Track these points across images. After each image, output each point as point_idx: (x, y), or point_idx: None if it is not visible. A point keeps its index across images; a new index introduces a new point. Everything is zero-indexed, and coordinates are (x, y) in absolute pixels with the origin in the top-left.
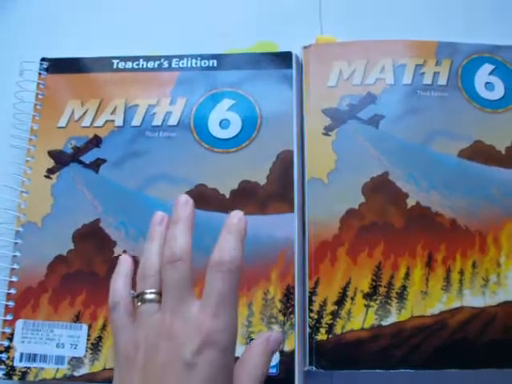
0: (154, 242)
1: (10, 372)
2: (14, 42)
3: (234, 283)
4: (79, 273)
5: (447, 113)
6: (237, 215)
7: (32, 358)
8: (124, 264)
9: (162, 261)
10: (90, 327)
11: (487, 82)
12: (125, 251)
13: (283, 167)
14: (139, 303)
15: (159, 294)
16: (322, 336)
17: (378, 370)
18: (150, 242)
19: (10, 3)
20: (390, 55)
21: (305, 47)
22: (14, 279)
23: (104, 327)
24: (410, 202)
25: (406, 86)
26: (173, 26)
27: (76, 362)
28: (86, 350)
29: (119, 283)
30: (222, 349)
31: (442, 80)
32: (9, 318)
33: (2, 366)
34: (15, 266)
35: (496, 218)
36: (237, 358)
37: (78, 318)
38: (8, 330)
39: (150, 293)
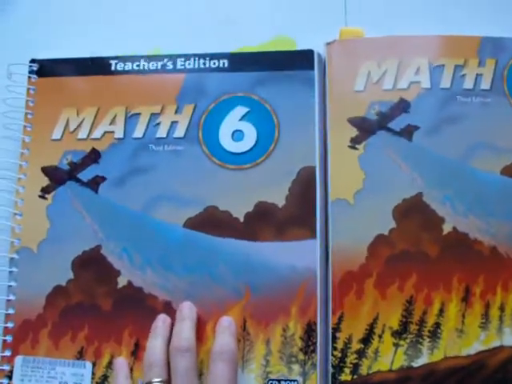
0: (157, 338)
1: None
2: (2, 42)
3: (233, 370)
4: (80, 305)
5: (490, 122)
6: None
7: None
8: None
9: (171, 350)
10: (94, 365)
11: None
12: (129, 282)
13: (304, 186)
14: None
15: (166, 382)
16: (346, 376)
17: None
18: (154, 338)
19: None
20: (425, 54)
21: (328, 43)
22: (11, 311)
23: (109, 365)
24: (446, 228)
25: (443, 91)
26: (177, 20)
27: None
28: None
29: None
30: None
31: (486, 83)
32: (7, 353)
33: None
34: (11, 297)
35: None
36: None
37: (81, 355)
38: (7, 367)
39: (158, 381)
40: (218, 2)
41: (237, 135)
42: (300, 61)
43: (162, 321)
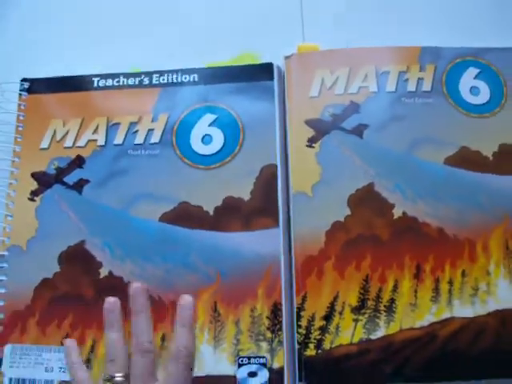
0: (113, 330)
1: None
2: None
3: (188, 369)
4: (66, 296)
5: (432, 119)
6: (187, 304)
7: (21, 382)
8: (73, 352)
9: (132, 347)
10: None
11: (472, 87)
12: (110, 272)
13: (267, 181)
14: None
15: (127, 376)
16: (310, 352)
17: None
18: (110, 330)
19: None
20: (372, 62)
21: (286, 57)
22: (1, 303)
23: (92, 349)
24: (397, 213)
25: (389, 94)
26: (152, 41)
27: None
28: None
29: (77, 371)
30: None
31: (427, 86)
32: None
33: None
34: (1, 291)
35: (485, 226)
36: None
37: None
38: None
39: (120, 376)
40: (189, 23)
41: (206, 139)
42: (261, 73)
43: (111, 309)
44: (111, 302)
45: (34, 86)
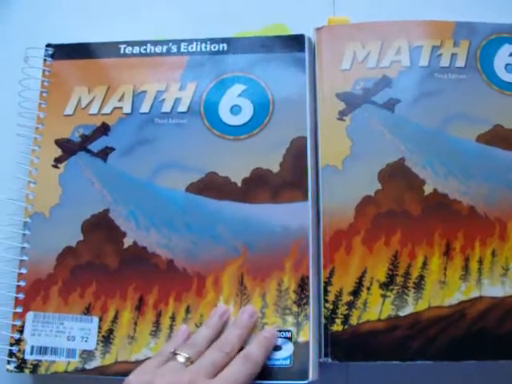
0: (208, 330)
1: (21, 365)
2: (19, 28)
3: (251, 373)
4: (89, 264)
5: (465, 96)
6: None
7: (43, 350)
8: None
9: (214, 343)
10: (100, 319)
11: (507, 64)
12: (135, 242)
13: (297, 154)
14: (172, 357)
15: (191, 362)
16: (337, 327)
17: (394, 362)
18: (206, 329)
19: None
20: (405, 36)
21: (317, 29)
22: (24, 271)
23: (115, 319)
24: (427, 189)
25: (422, 69)
26: (181, 9)
27: (87, 355)
28: (97, 343)
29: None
30: None
31: (460, 62)
32: (19, 310)
33: (14, 359)
34: (24, 258)
35: None
36: None
37: (88, 311)
38: (18, 323)
39: (185, 357)
40: None
41: (235, 109)
42: (292, 44)
43: (220, 314)
44: (224, 309)
45: (59, 52)
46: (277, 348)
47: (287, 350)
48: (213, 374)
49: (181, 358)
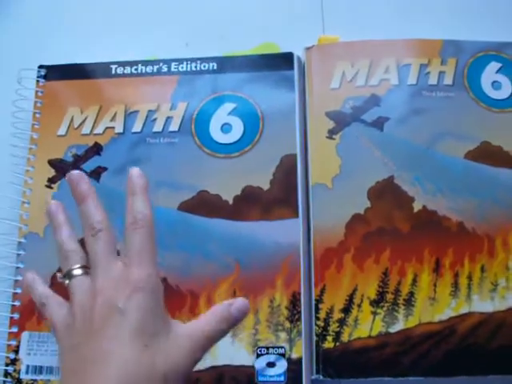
0: (62, 229)
1: None
2: (12, 49)
3: (149, 236)
4: None
5: (453, 113)
6: (134, 174)
7: (38, 370)
8: (58, 215)
9: (85, 236)
10: None
11: (494, 81)
12: None
13: (287, 171)
14: (67, 281)
15: (85, 267)
16: (328, 344)
17: (385, 378)
18: (59, 230)
19: (6, 9)
20: (394, 55)
21: (307, 48)
22: (18, 291)
23: None
24: (417, 206)
25: (410, 87)
26: (171, 29)
27: None
28: None
29: (63, 236)
30: (148, 292)
31: (448, 80)
32: (14, 330)
33: (9, 379)
34: (18, 278)
35: (504, 221)
36: None
37: None
38: (14, 343)
39: (77, 268)
40: (209, 12)
41: (225, 128)
42: (281, 62)
43: (55, 211)
44: (54, 205)
45: (52, 73)
46: (271, 364)
47: (281, 366)
48: (115, 254)
49: (77, 272)
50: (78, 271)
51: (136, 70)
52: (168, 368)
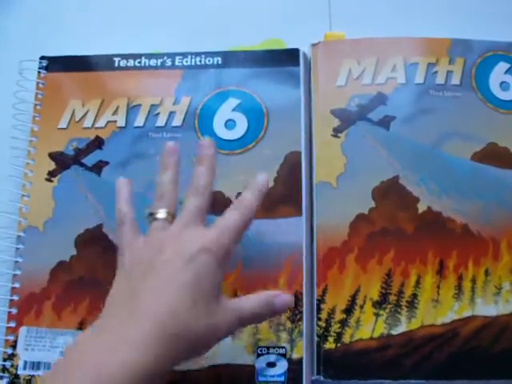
0: (167, 172)
1: (14, 380)
2: (13, 40)
3: (246, 221)
4: (82, 279)
5: (460, 114)
6: (205, 144)
7: (36, 365)
8: (123, 187)
9: (188, 191)
10: None
11: (502, 82)
12: None
13: (291, 169)
14: (152, 220)
15: (172, 215)
16: (330, 345)
17: (386, 381)
18: (165, 172)
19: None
20: (401, 53)
21: (313, 44)
22: (17, 285)
23: None
24: (421, 207)
25: (417, 86)
26: (177, 22)
27: None
28: None
29: (122, 204)
30: (216, 258)
31: (456, 79)
32: (12, 324)
33: (6, 374)
34: (17, 272)
35: (510, 224)
36: None
37: (81, 326)
38: (11, 338)
39: (164, 212)
40: (215, 6)
41: (229, 124)
42: (287, 58)
43: (170, 153)
44: (171, 145)
45: (53, 65)
46: (271, 365)
47: (281, 366)
48: (202, 220)
49: (161, 215)
50: (163, 215)
51: (139, 63)
52: (205, 333)
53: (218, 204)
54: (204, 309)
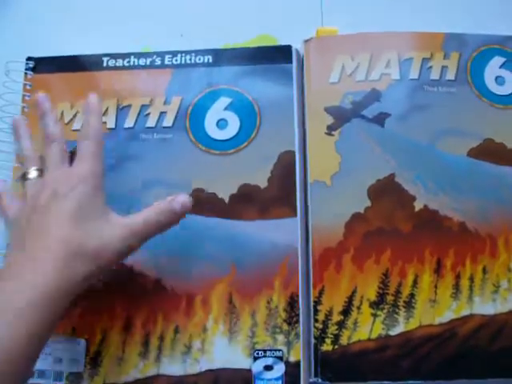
0: (23, 139)
1: None
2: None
3: (97, 144)
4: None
5: (456, 109)
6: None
7: None
8: (44, 103)
9: (43, 145)
10: (88, 341)
11: (498, 76)
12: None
13: (285, 169)
14: (25, 181)
15: (40, 170)
16: (327, 347)
17: (385, 382)
18: (21, 140)
19: None
20: (395, 48)
21: (305, 41)
22: None
23: (103, 341)
24: (418, 205)
25: (412, 82)
26: (166, 20)
27: (75, 377)
28: (85, 366)
29: (49, 122)
30: (90, 185)
31: (451, 74)
32: None
33: None
34: None
35: (507, 221)
36: None
37: (74, 332)
38: None
39: (33, 170)
40: (206, 5)
41: (221, 123)
42: (279, 55)
43: (18, 125)
44: (16, 118)
45: (40, 66)
46: (268, 368)
47: (278, 370)
48: (67, 161)
49: (32, 174)
50: (34, 173)
51: (128, 62)
52: (100, 247)
53: (210, 205)
54: (93, 227)
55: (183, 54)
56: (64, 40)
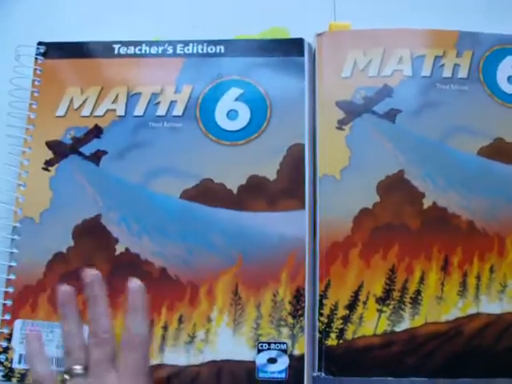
0: (67, 321)
1: (8, 374)
2: (10, 25)
3: (144, 356)
4: (78, 272)
5: (467, 108)
6: (134, 288)
7: None
8: (34, 342)
9: (89, 338)
10: None
11: (510, 76)
12: (127, 249)
13: (294, 162)
14: (67, 377)
15: (85, 368)
16: (332, 341)
17: (389, 378)
18: (66, 323)
19: None
20: (408, 45)
21: (318, 34)
22: (12, 277)
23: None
24: (427, 202)
25: (424, 79)
26: (179, 10)
27: None
28: None
29: (37, 365)
30: None
31: (463, 73)
32: (7, 317)
33: (1, 368)
34: (12, 264)
35: None
36: None
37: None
38: (6, 330)
39: (78, 368)
40: None
41: (232, 114)
42: (291, 48)
43: (65, 301)
44: (65, 292)
45: (51, 51)
46: (272, 360)
47: (282, 363)
48: (113, 364)
49: (78, 371)
50: (78, 371)
51: (140, 50)
52: None
53: (218, 196)
54: None
55: (195, 44)
56: (76, 27)
